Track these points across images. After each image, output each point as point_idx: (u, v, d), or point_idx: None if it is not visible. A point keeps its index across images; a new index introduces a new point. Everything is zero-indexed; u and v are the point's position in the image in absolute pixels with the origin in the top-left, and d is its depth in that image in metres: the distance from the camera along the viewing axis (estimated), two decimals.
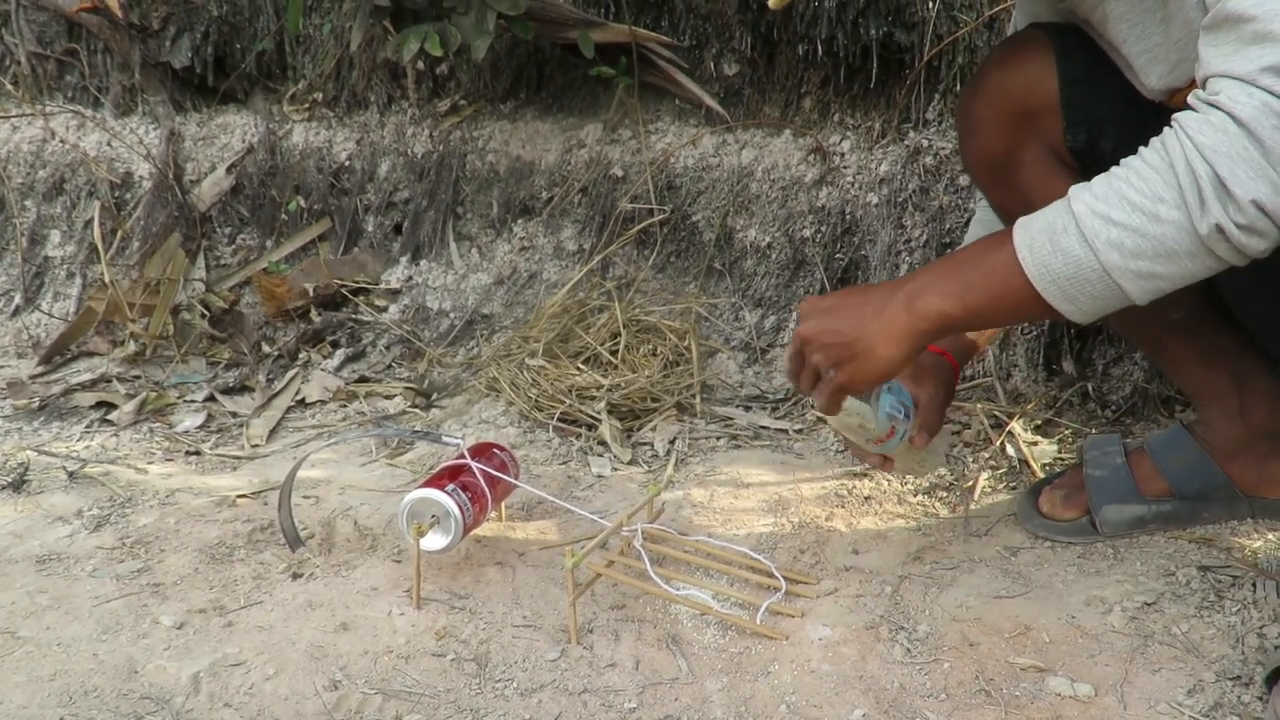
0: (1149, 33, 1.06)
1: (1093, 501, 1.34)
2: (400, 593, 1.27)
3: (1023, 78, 1.17)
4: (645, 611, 1.24)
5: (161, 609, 1.24)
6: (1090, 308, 0.93)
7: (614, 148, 2.17)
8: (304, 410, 1.91)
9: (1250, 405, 1.26)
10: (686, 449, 1.67)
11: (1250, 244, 0.84)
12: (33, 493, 1.54)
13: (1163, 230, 0.85)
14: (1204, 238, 0.84)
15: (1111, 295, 0.91)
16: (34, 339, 2.25)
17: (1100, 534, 1.33)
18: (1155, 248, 0.86)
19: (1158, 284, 0.89)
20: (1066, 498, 1.36)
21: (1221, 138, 0.82)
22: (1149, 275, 0.88)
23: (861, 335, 1.03)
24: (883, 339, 1.02)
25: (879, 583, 1.27)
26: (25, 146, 2.47)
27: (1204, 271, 0.88)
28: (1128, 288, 0.89)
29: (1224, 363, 1.27)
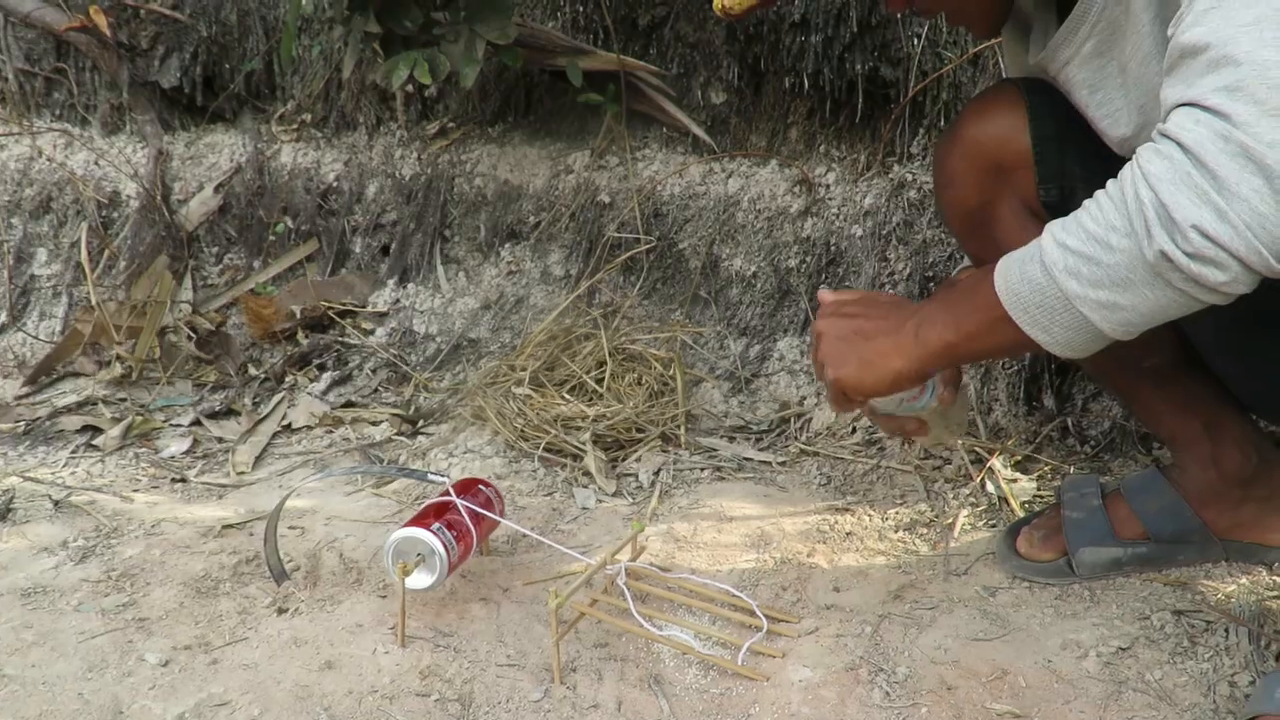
0: (1110, 97, 1.07)
1: (1070, 543, 1.36)
2: (385, 630, 1.28)
3: (996, 132, 1.19)
4: (628, 650, 1.25)
5: (147, 645, 1.25)
6: (1065, 338, 0.91)
7: (601, 174, 2.18)
8: (290, 436, 1.91)
9: (1223, 453, 1.28)
10: (671, 480, 1.68)
11: (1206, 273, 0.80)
12: (19, 522, 1.54)
13: (1115, 259, 0.84)
14: (1153, 265, 0.82)
15: (1081, 325, 0.89)
16: (19, 359, 2.25)
17: (1077, 575, 1.35)
18: (1110, 276, 0.85)
19: (1123, 315, 0.87)
20: (1044, 539, 1.38)
21: (1166, 165, 0.80)
22: (1110, 305, 0.86)
23: (872, 347, 1.05)
24: (892, 355, 1.03)
25: (859, 622, 1.29)
26: (12, 164, 2.47)
27: (1171, 304, 0.85)
28: (1092, 317, 0.87)
29: (1197, 410, 1.28)
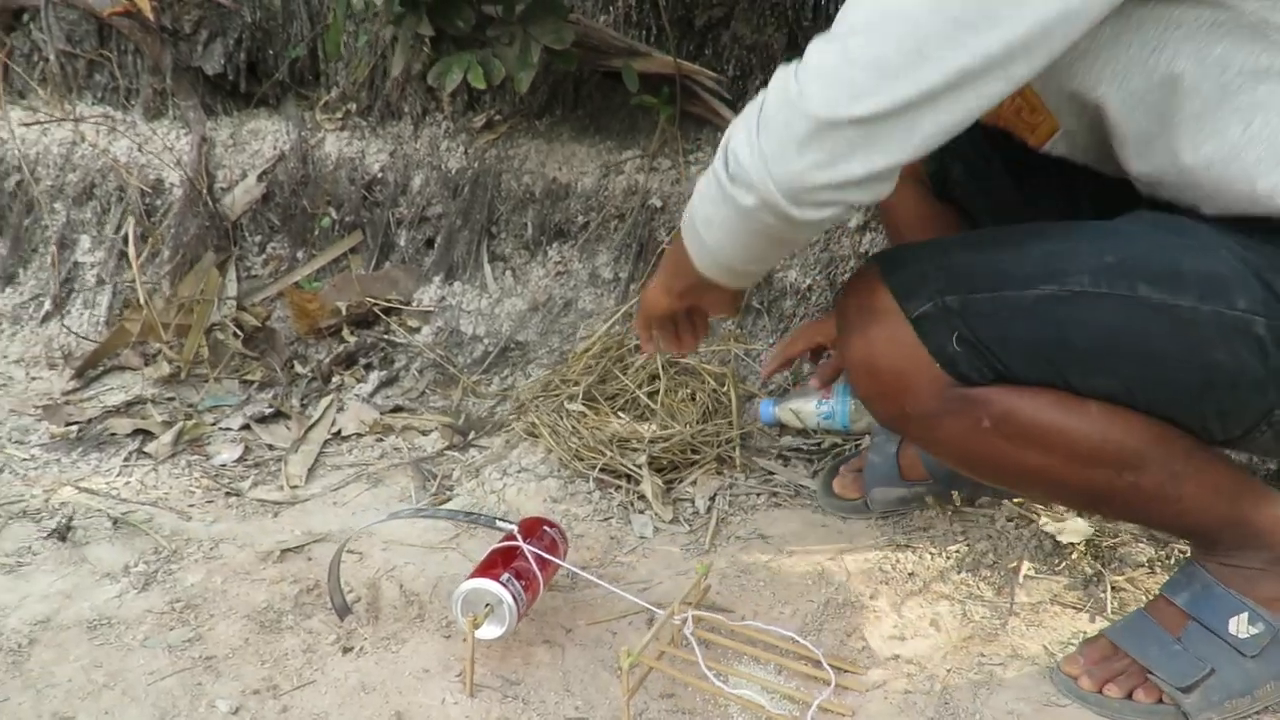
0: None
1: (866, 484, 1.61)
2: (452, 676, 1.28)
3: None
4: (695, 702, 1.25)
5: (216, 688, 1.25)
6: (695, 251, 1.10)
7: (653, 176, 2.15)
8: (340, 444, 1.90)
9: None
10: (727, 506, 1.67)
11: (737, 194, 0.97)
12: (79, 543, 1.54)
13: (707, 179, 1.04)
14: (715, 182, 1.01)
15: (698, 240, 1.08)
16: (64, 349, 2.24)
17: (871, 511, 1.61)
18: (706, 194, 1.04)
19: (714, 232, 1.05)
20: (853, 480, 1.64)
21: (750, 107, 0.98)
22: (705, 221, 1.05)
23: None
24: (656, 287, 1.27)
25: (926, 677, 1.28)
26: (55, 149, 2.44)
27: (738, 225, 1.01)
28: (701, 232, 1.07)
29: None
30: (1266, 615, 1.15)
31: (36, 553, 1.52)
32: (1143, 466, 1.10)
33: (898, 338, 1.10)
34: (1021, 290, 1.05)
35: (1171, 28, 0.97)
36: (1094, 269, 1.03)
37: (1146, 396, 1.07)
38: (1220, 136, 1.00)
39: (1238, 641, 1.16)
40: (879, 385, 1.14)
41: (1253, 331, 1.00)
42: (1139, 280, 1.02)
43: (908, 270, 1.11)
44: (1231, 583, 1.17)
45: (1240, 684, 1.16)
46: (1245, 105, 0.98)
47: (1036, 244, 1.08)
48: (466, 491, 1.71)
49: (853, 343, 1.14)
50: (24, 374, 2.19)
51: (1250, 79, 0.97)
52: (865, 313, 1.12)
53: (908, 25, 0.89)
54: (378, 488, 1.75)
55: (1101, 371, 1.06)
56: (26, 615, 1.37)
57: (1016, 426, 1.10)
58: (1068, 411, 1.08)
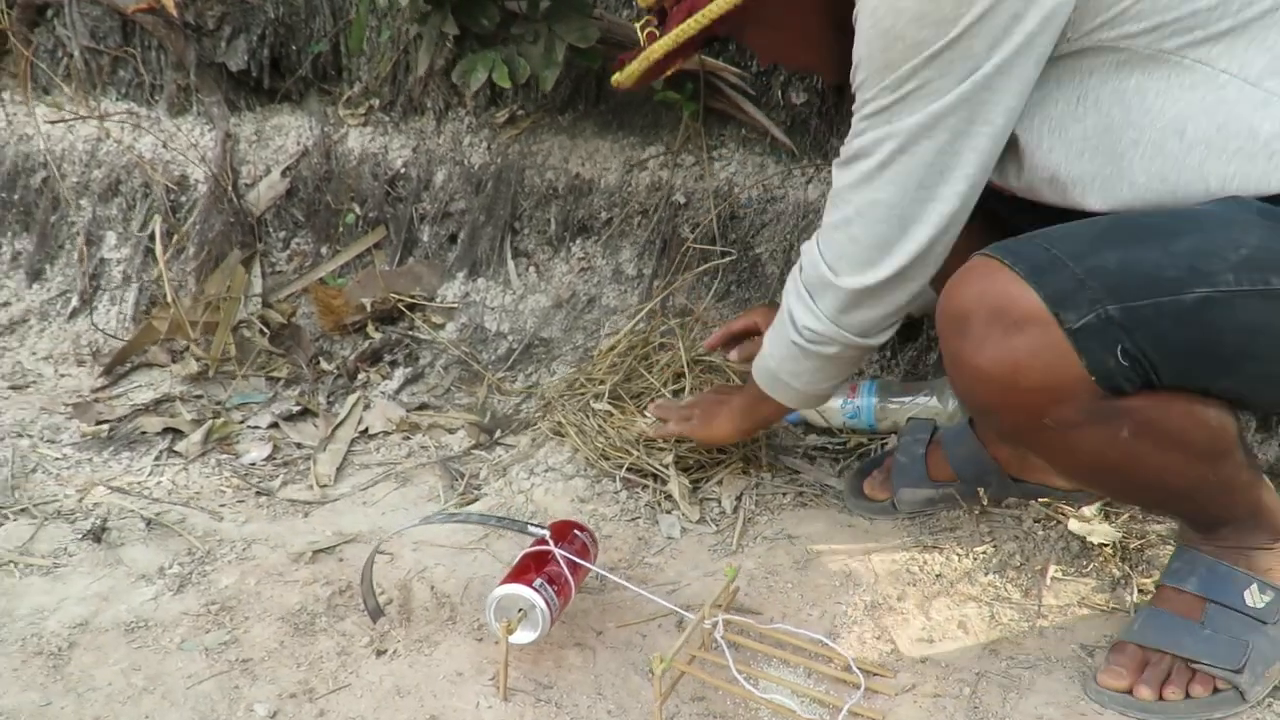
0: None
1: (894, 485, 1.63)
2: (485, 679, 1.29)
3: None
4: (725, 706, 1.26)
5: (253, 692, 1.27)
6: (789, 396, 1.47)
7: (677, 173, 2.15)
8: (368, 442, 1.92)
9: None
10: (754, 506, 1.68)
11: (821, 349, 1.35)
12: (114, 544, 1.56)
13: (782, 349, 1.42)
14: (796, 345, 1.38)
15: (789, 389, 1.45)
16: (92, 346, 2.26)
17: (899, 512, 1.63)
18: (783, 356, 1.42)
19: (804, 377, 1.41)
20: (882, 483, 1.65)
21: (790, 283, 1.37)
22: (792, 373, 1.42)
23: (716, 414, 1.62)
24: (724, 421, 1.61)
25: (956, 681, 1.29)
26: (80, 145, 2.46)
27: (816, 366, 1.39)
28: (791, 382, 1.43)
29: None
30: (1272, 583, 1.20)
31: (72, 554, 1.54)
32: (1227, 458, 1.14)
33: (1052, 349, 1.05)
34: (1178, 295, 1.02)
35: (1085, 75, 1.12)
36: (1234, 265, 1.02)
37: (1265, 388, 1.10)
38: (1163, 153, 1.10)
39: (1257, 612, 1.19)
40: (1019, 398, 1.10)
41: None
42: (1270, 273, 1.02)
43: (1057, 276, 1.05)
44: (1231, 559, 1.21)
45: (1271, 652, 1.19)
46: (1174, 119, 1.09)
47: (1176, 239, 1.05)
48: (494, 491, 1.73)
49: (985, 351, 1.09)
50: (53, 371, 2.21)
51: (1168, 98, 1.09)
52: (1005, 319, 1.07)
53: (889, 208, 1.18)
54: (406, 487, 1.76)
55: (1235, 370, 1.07)
56: (65, 618, 1.39)
57: (1154, 432, 1.10)
58: (1200, 412, 1.10)
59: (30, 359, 2.25)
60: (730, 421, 1.59)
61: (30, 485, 1.73)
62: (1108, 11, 1.08)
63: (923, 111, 1.11)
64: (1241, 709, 1.19)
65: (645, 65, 1.36)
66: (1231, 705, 1.19)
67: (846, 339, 1.31)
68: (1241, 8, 1.06)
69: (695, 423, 1.63)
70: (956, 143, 1.13)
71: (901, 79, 1.10)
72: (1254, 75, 1.07)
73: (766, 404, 1.49)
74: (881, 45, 1.10)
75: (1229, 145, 1.07)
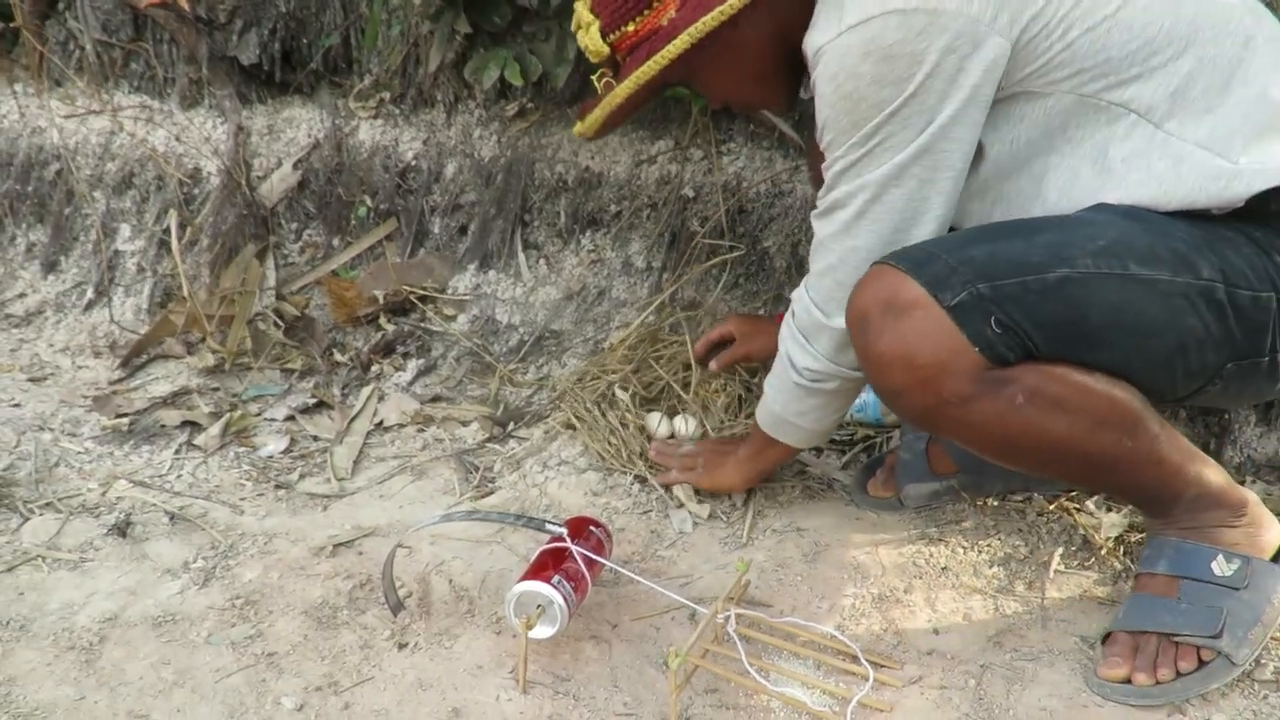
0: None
1: (898, 481, 1.68)
2: (505, 672, 1.33)
3: None
4: (738, 698, 1.30)
5: (280, 685, 1.31)
6: (798, 437, 1.57)
7: (685, 167, 2.17)
8: (383, 434, 1.95)
9: None
10: (763, 500, 1.72)
11: (823, 386, 1.47)
12: (139, 539, 1.60)
13: (785, 392, 1.53)
14: (798, 386, 1.49)
15: (796, 428, 1.55)
16: (108, 337, 2.29)
17: (905, 508, 1.68)
18: (788, 397, 1.53)
19: (809, 415, 1.53)
20: (885, 480, 1.71)
21: (786, 330, 1.50)
22: (798, 413, 1.53)
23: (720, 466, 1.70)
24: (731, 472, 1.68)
25: (961, 673, 1.33)
26: (93, 139, 2.48)
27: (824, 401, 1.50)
28: (797, 421, 1.54)
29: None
30: (1235, 552, 1.28)
31: (99, 548, 1.58)
32: (1138, 429, 1.22)
33: (935, 327, 1.18)
34: (1041, 275, 1.16)
35: (1016, 113, 1.28)
36: (1093, 253, 1.16)
37: (1139, 363, 1.21)
38: (1076, 176, 1.27)
39: (1226, 580, 1.27)
40: (916, 375, 1.20)
41: (1215, 297, 1.18)
42: (1129, 260, 1.16)
43: (933, 265, 1.20)
44: (1196, 538, 1.30)
45: (1248, 614, 1.26)
46: (1089, 150, 1.26)
47: (1036, 235, 1.21)
48: (509, 485, 1.76)
49: (883, 339, 1.22)
50: (70, 362, 2.24)
51: (1085, 131, 1.26)
52: (894, 309, 1.20)
53: (868, 252, 1.30)
54: (422, 480, 1.80)
55: (1107, 344, 1.19)
56: (94, 612, 1.43)
57: (1046, 397, 1.19)
58: (1085, 378, 1.20)
59: (48, 350, 2.29)
60: (738, 472, 1.67)
61: (54, 479, 1.76)
62: (1036, 61, 1.22)
63: (889, 163, 1.25)
64: (1233, 674, 1.26)
65: (605, 113, 1.47)
66: (1223, 673, 1.26)
67: (844, 374, 1.43)
68: (1147, 57, 1.21)
69: (700, 473, 1.70)
70: (924, 188, 1.27)
71: (867, 135, 1.25)
72: (1158, 117, 1.22)
73: (773, 449, 1.61)
74: (846, 108, 1.24)
75: (1130, 176, 1.23)
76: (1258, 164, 1.20)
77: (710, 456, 1.71)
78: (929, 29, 1.17)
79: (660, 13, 1.38)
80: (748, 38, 1.39)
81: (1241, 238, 1.21)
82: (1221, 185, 1.20)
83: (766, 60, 1.43)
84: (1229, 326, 1.20)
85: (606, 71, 1.50)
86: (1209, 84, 1.23)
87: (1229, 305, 1.19)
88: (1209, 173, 1.20)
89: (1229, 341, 1.21)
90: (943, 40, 1.18)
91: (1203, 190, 1.20)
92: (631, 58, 1.43)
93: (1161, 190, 1.22)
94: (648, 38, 1.40)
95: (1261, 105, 1.23)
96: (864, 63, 1.20)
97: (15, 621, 1.40)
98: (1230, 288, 1.19)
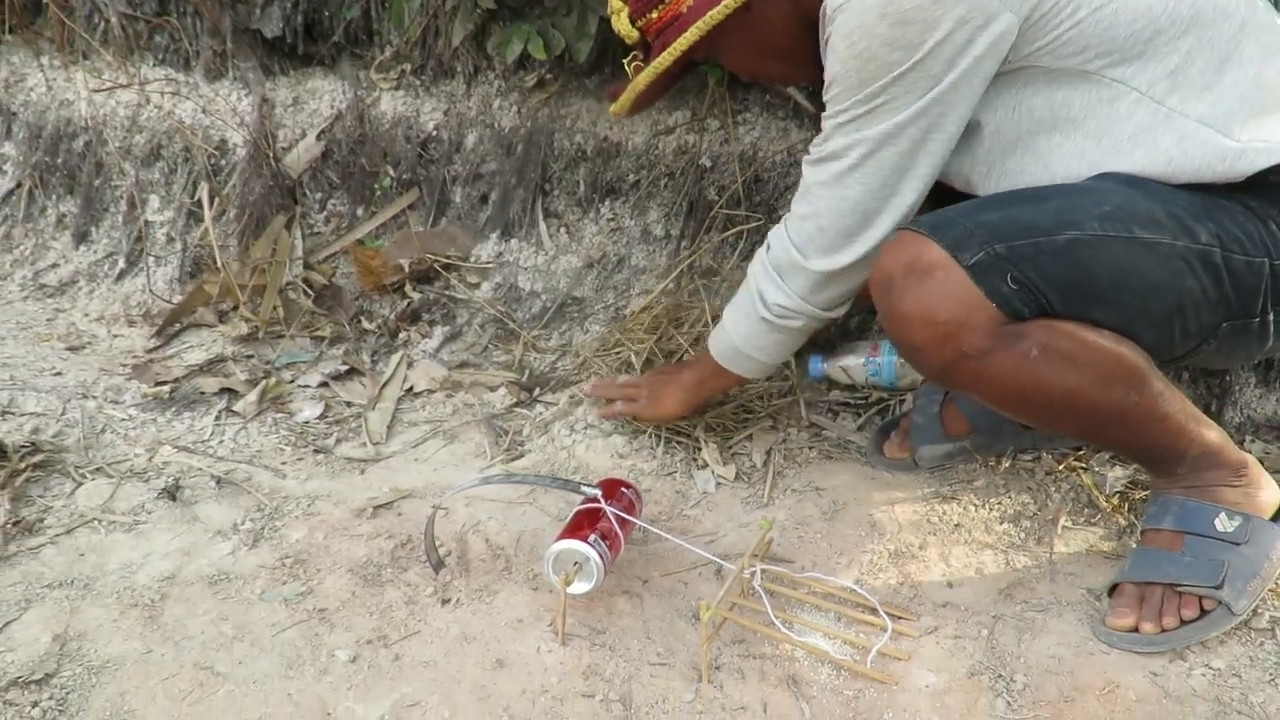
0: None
1: (913, 443, 1.75)
2: (544, 626, 1.41)
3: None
4: (764, 648, 1.38)
5: (333, 639, 1.39)
6: (748, 367, 1.66)
7: (702, 137, 2.23)
8: (413, 400, 2.03)
9: None
10: (782, 460, 1.79)
11: (790, 323, 1.56)
12: (189, 502, 1.67)
13: (749, 325, 1.60)
14: (765, 321, 1.57)
15: (748, 360, 1.64)
16: (143, 307, 2.36)
17: (919, 468, 1.75)
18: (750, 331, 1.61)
19: (763, 349, 1.62)
20: (900, 442, 1.78)
21: (758, 267, 1.58)
22: (758, 347, 1.62)
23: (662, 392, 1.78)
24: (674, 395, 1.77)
25: (974, 623, 1.41)
26: (121, 111, 2.53)
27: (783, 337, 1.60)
28: (754, 355, 1.63)
29: None
30: (1237, 511, 1.36)
31: (150, 511, 1.65)
32: (1144, 385, 1.29)
33: (955, 285, 1.25)
34: (1051, 237, 1.24)
35: (1020, 87, 1.34)
36: (1099, 217, 1.24)
37: (1141, 321, 1.28)
38: (1081, 153, 1.33)
39: (1228, 535, 1.35)
40: (938, 330, 1.28)
41: (1212, 260, 1.25)
42: (1132, 224, 1.24)
43: (952, 229, 1.28)
44: (1199, 496, 1.37)
45: (1248, 568, 1.34)
46: (1094, 128, 1.32)
47: (1045, 201, 1.29)
48: (538, 448, 1.84)
49: (905, 299, 1.29)
50: (105, 331, 2.31)
51: (1090, 109, 1.31)
52: (916, 270, 1.28)
53: (855, 203, 1.40)
54: (454, 444, 1.87)
55: (1113, 303, 1.27)
56: (153, 572, 1.51)
57: (1058, 350, 1.27)
58: (1094, 335, 1.27)
59: (83, 320, 2.36)
60: (680, 397, 1.76)
61: (101, 445, 1.84)
62: (1044, 38, 1.28)
63: (889, 122, 1.32)
64: (1233, 622, 1.34)
65: (634, 95, 1.58)
66: (1223, 622, 1.33)
67: (814, 313, 1.53)
68: (1150, 37, 1.27)
69: (644, 403, 1.79)
70: (916, 148, 1.35)
71: (872, 95, 1.31)
72: (1159, 94, 1.29)
73: (718, 378, 1.71)
74: (856, 66, 1.30)
75: (1135, 152, 1.30)
76: (1260, 142, 1.27)
77: (654, 387, 1.79)
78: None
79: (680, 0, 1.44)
80: (764, 18, 1.46)
81: (1238, 206, 1.28)
82: (1227, 165, 1.26)
83: (788, 37, 1.49)
84: (1224, 289, 1.27)
85: (638, 54, 1.56)
86: (1206, 64, 1.29)
87: (1224, 269, 1.26)
88: (1214, 151, 1.27)
89: (1224, 303, 1.28)
90: (958, 11, 1.24)
91: (1209, 169, 1.27)
92: (658, 41, 1.50)
93: (1170, 167, 1.28)
94: (670, 23, 1.47)
95: (1258, 87, 1.29)
96: (880, 24, 1.25)
97: (79, 581, 1.48)
98: (1226, 252, 1.25)
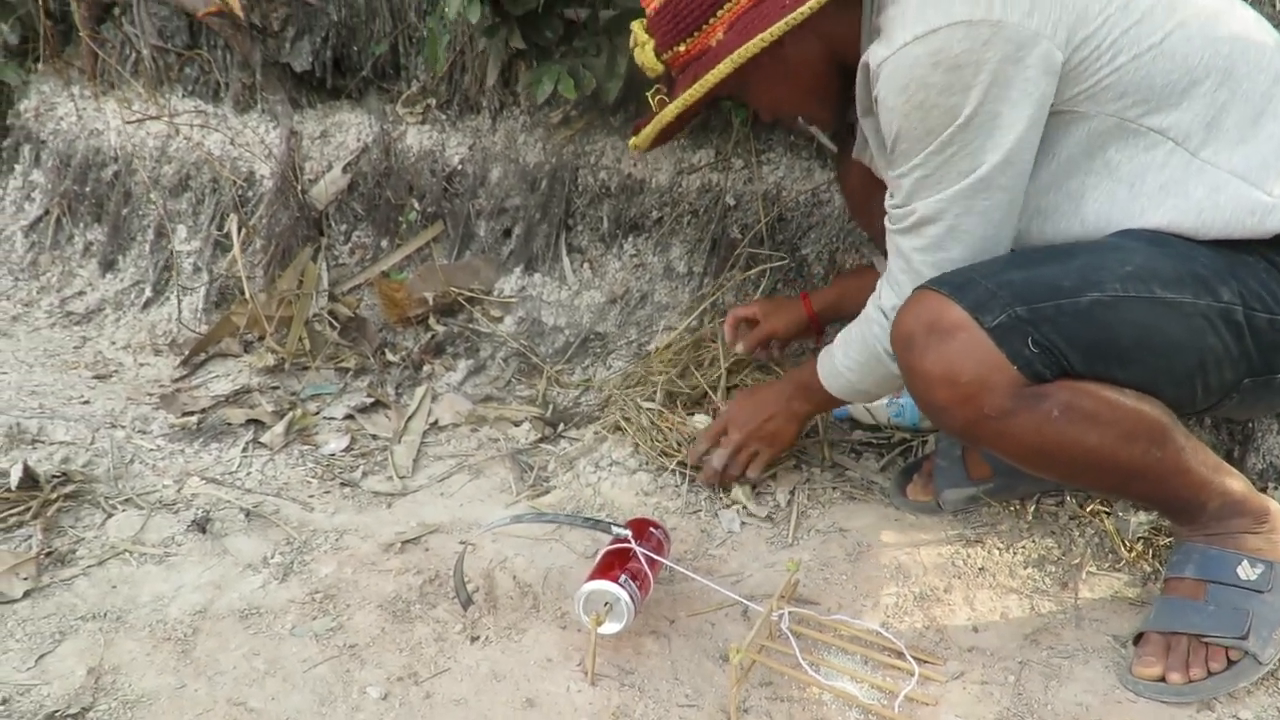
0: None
1: (936, 487, 1.76)
2: (573, 665, 1.42)
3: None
4: (792, 691, 1.39)
5: (364, 675, 1.40)
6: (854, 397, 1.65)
7: (726, 175, 2.25)
8: (438, 433, 2.04)
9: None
10: (806, 500, 1.80)
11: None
12: (218, 535, 1.69)
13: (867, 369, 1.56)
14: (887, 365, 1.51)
15: (857, 390, 1.61)
16: (169, 336, 2.38)
17: (944, 511, 1.75)
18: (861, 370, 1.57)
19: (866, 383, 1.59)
20: (924, 485, 1.79)
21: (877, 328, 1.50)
22: (861, 380, 1.59)
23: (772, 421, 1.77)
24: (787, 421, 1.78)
25: (1001, 669, 1.41)
26: (150, 142, 2.57)
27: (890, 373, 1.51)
28: (860, 385, 1.60)
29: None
30: (1259, 558, 1.36)
31: (180, 543, 1.67)
32: (1166, 441, 1.30)
33: (977, 347, 1.27)
34: (1074, 299, 1.25)
35: (1059, 130, 1.34)
36: (1121, 277, 1.25)
37: (1164, 379, 1.29)
38: (1113, 199, 1.34)
39: (1251, 584, 1.35)
40: (959, 391, 1.29)
41: (1234, 318, 1.26)
42: (1154, 284, 1.25)
43: (974, 290, 1.29)
44: (1220, 544, 1.38)
45: (1273, 615, 1.35)
46: (1127, 174, 1.33)
47: (1068, 261, 1.30)
48: (563, 484, 1.85)
49: (928, 359, 1.30)
50: (132, 360, 2.34)
51: (1125, 155, 1.32)
52: (938, 331, 1.29)
53: (960, 263, 1.37)
54: (479, 479, 1.89)
55: (1136, 362, 1.28)
56: (185, 605, 1.52)
57: (1081, 410, 1.27)
58: (1116, 394, 1.28)
59: (110, 348, 2.38)
60: (796, 429, 1.79)
61: (130, 476, 1.85)
62: (1084, 82, 1.29)
63: (973, 175, 1.31)
64: (1260, 672, 1.34)
65: (658, 129, 1.57)
66: (1251, 672, 1.34)
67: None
68: (1187, 87, 1.28)
69: (762, 453, 1.79)
70: (1007, 196, 1.34)
71: (944, 144, 1.30)
72: (1194, 145, 1.30)
73: (824, 404, 1.73)
74: (919, 117, 1.29)
75: (1166, 201, 1.31)
76: None
77: (757, 438, 1.78)
78: (993, 39, 1.23)
79: (710, 34, 1.46)
80: (795, 57, 1.47)
81: (1262, 262, 1.29)
82: (1256, 219, 1.28)
83: (815, 78, 1.51)
84: (1246, 346, 1.28)
85: (661, 88, 1.58)
86: (1242, 115, 1.30)
87: (1246, 326, 1.27)
88: (1246, 205, 1.28)
89: (1245, 359, 1.29)
90: (1003, 49, 1.23)
91: (1240, 224, 1.28)
92: (683, 76, 1.51)
93: (1200, 220, 1.29)
94: (698, 57, 1.48)
95: None
96: (933, 73, 1.25)
97: (112, 613, 1.49)
98: (1249, 310, 1.27)
